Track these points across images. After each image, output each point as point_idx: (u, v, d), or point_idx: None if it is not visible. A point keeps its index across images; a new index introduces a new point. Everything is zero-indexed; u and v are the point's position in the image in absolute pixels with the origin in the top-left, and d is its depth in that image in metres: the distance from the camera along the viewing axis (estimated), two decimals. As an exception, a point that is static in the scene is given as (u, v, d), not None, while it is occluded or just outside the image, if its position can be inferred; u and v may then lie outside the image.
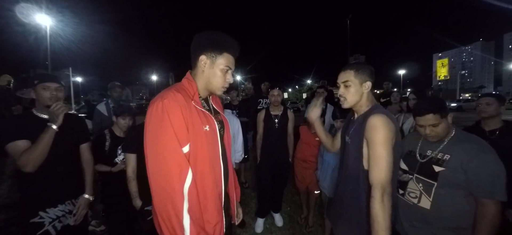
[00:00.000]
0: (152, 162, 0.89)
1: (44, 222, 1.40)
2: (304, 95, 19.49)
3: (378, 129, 1.08)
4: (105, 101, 3.06)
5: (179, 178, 0.89)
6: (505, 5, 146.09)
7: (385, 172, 1.06)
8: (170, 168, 0.88)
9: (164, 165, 0.88)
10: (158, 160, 0.89)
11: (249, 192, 3.60)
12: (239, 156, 2.74)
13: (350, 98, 1.23)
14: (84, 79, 42.82)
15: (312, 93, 5.02)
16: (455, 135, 1.27)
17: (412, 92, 2.86)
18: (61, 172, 1.49)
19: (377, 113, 1.12)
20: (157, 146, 0.88)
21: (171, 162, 0.88)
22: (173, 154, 0.88)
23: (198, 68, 1.02)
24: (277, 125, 2.61)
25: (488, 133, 1.79)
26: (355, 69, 1.20)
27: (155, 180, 0.89)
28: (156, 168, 0.89)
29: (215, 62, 1.01)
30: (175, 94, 0.92)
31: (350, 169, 1.26)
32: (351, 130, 1.28)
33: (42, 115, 1.45)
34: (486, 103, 1.80)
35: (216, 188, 1.03)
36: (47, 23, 12.86)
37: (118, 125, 1.99)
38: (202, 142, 0.96)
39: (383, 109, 1.18)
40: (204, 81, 1.03)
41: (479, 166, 1.12)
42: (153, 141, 0.89)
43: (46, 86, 1.43)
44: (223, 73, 1.03)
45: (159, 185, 0.89)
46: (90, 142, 1.74)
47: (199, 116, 0.97)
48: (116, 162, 1.93)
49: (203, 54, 1.00)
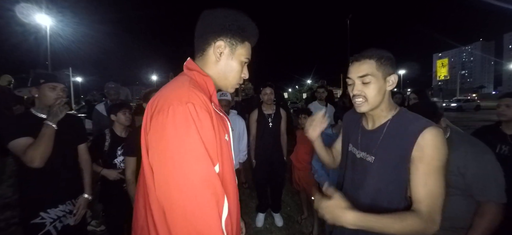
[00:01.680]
0: (174, 194, 0.62)
1: (45, 222, 1.40)
2: (304, 95, 19.47)
3: (439, 149, 0.80)
4: (105, 102, 3.06)
5: (218, 211, 0.64)
6: (505, 5, 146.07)
7: (439, 209, 0.80)
8: (204, 200, 0.62)
9: (194, 196, 0.61)
10: (185, 190, 0.61)
11: (249, 192, 3.60)
12: (244, 155, 2.75)
13: (373, 99, 0.88)
14: (84, 79, 42.83)
15: (312, 93, 5.02)
16: (451, 136, 1.25)
17: (412, 92, 2.87)
18: (61, 172, 1.49)
19: (432, 126, 0.82)
20: (183, 170, 0.61)
21: (205, 191, 0.63)
22: (207, 180, 0.63)
23: (210, 57, 0.78)
24: (271, 124, 2.60)
25: (509, 136, 1.63)
26: (377, 58, 0.86)
27: (179, 219, 0.62)
28: (182, 202, 0.61)
29: (235, 52, 0.78)
30: (199, 95, 0.67)
31: (377, 195, 0.91)
32: (374, 144, 0.94)
33: (41, 115, 1.44)
34: (506, 105, 1.63)
35: (238, 209, 0.83)
36: (47, 23, 12.85)
37: (120, 121, 1.97)
38: (225, 156, 0.74)
39: (429, 121, 0.85)
40: (217, 75, 0.80)
41: (477, 169, 1.11)
42: (173, 163, 0.62)
43: (54, 86, 1.44)
44: (242, 66, 0.82)
45: (186, 225, 0.61)
46: (87, 142, 1.74)
47: (220, 122, 0.74)
48: (115, 162, 1.93)
49: (221, 39, 0.76)
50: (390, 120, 0.92)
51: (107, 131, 2.01)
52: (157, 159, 0.64)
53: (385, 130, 0.92)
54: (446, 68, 29.82)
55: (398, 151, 0.86)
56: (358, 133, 1.03)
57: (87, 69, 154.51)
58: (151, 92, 1.88)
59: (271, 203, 2.84)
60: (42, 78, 1.43)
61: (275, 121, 2.62)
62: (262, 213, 2.79)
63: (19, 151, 1.30)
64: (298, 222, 2.80)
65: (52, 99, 1.42)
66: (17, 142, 1.31)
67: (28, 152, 1.28)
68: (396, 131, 0.89)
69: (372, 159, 0.93)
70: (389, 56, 0.89)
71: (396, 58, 0.95)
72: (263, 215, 2.79)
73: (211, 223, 0.63)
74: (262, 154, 2.64)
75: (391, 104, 0.94)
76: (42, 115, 1.44)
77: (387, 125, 0.92)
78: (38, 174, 1.37)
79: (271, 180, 2.73)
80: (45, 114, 1.44)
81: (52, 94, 1.43)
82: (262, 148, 2.63)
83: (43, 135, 1.32)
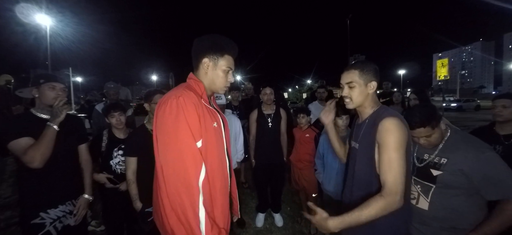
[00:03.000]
0: (168, 157, 0.92)
1: (45, 223, 1.40)
2: (304, 95, 19.47)
3: (392, 132, 1.03)
4: (105, 102, 3.07)
5: (195, 172, 0.92)
6: (505, 5, 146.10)
7: (400, 177, 1.01)
8: (186, 162, 0.91)
9: (180, 159, 0.91)
10: (174, 155, 0.91)
11: (249, 192, 3.60)
12: (241, 155, 2.74)
13: (355, 100, 1.18)
14: (84, 79, 42.86)
15: (312, 93, 5.02)
16: (450, 136, 1.25)
17: (413, 92, 2.86)
18: (61, 172, 1.49)
19: (389, 116, 1.07)
20: (173, 142, 0.91)
21: (187, 157, 0.91)
22: (189, 149, 0.92)
23: (201, 70, 1.08)
24: (270, 124, 2.60)
25: (503, 137, 1.64)
26: (360, 69, 1.15)
27: (170, 174, 0.91)
28: (172, 162, 0.91)
29: (217, 64, 1.07)
30: (188, 92, 0.97)
31: (360, 174, 1.20)
32: (359, 134, 1.22)
33: (41, 115, 1.45)
34: (502, 106, 1.63)
35: (224, 182, 1.08)
36: (47, 23, 12.86)
37: (111, 124, 1.96)
38: (212, 138, 1.01)
39: (393, 111, 1.12)
40: (208, 82, 1.09)
41: (483, 170, 1.10)
42: (168, 137, 0.92)
43: (53, 86, 1.44)
44: (225, 74, 1.09)
45: (175, 179, 0.91)
46: (88, 143, 1.74)
47: (208, 113, 1.03)
48: (111, 164, 1.92)
49: (206, 57, 1.05)
50: (371, 114, 1.19)
51: (105, 131, 2.00)
52: (160, 133, 0.95)
53: (366, 122, 1.19)
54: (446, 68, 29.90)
55: (370, 138, 1.13)
56: (354, 128, 1.33)
57: (87, 69, 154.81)
58: (152, 93, 1.87)
59: (271, 203, 2.84)
60: (41, 79, 1.43)
61: (274, 121, 2.61)
62: (262, 213, 2.79)
63: (19, 152, 1.30)
64: (298, 222, 2.80)
65: (51, 99, 1.43)
66: (17, 142, 1.31)
67: (28, 153, 1.28)
68: (371, 122, 1.15)
69: (357, 146, 1.23)
70: (372, 68, 1.15)
71: (396, 58, 1.02)
72: (263, 215, 2.79)
73: (190, 179, 0.91)
74: (262, 154, 2.63)
75: (374, 103, 1.20)
76: (42, 116, 1.44)
77: (368, 119, 1.19)
78: (38, 174, 1.37)
79: (271, 180, 2.73)
80: (45, 114, 1.44)
81: (51, 93, 1.43)
82: (262, 148, 2.62)
83: (45, 136, 1.33)
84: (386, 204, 0.99)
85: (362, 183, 1.19)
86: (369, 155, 1.13)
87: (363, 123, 1.21)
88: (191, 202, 0.90)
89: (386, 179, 1.02)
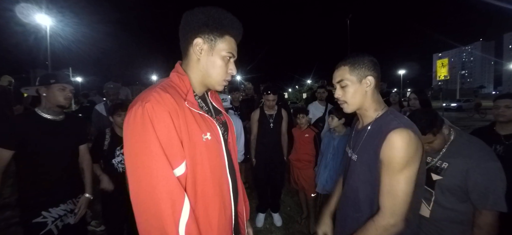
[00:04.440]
0: (134, 191, 0.65)
1: (47, 221, 1.41)
2: (304, 95, 19.49)
3: (400, 150, 0.82)
4: (105, 102, 3.06)
5: (172, 214, 0.64)
6: (505, 5, 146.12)
7: (401, 204, 0.84)
8: (158, 201, 0.63)
9: (150, 196, 0.63)
10: (141, 189, 0.64)
11: (249, 192, 3.60)
12: (241, 156, 2.75)
13: (351, 101, 0.96)
14: (84, 79, 42.87)
15: (312, 93, 5.02)
16: (454, 140, 1.21)
17: (412, 92, 2.87)
18: (63, 172, 1.49)
19: (399, 128, 0.84)
20: (139, 169, 0.64)
21: (159, 192, 0.63)
22: (161, 181, 0.63)
23: (191, 56, 0.78)
24: (272, 125, 2.63)
25: (503, 137, 1.62)
26: (350, 63, 0.94)
27: (140, 213, 0.65)
28: (139, 199, 0.64)
29: (215, 47, 0.77)
30: (161, 94, 0.67)
31: (356, 193, 0.98)
32: (358, 143, 1.00)
33: (47, 115, 1.45)
34: (505, 106, 1.60)
35: (225, 212, 0.80)
36: (47, 23, 12.85)
37: (117, 123, 1.97)
38: (202, 157, 0.72)
39: (404, 119, 0.91)
40: (200, 74, 0.79)
41: (478, 176, 1.08)
42: (133, 162, 0.65)
43: (64, 87, 1.46)
44: (225, 62, 0.79)
45: (145, 223, 0.64)
46: (88, 143, 1.74)
47: (196, 122, 0.73)
48: (113, 162, 1.92)
49: (199, 37, 0.75)
50: (374, 120, 0.96)
51: (108, 130, 2.00)
52: (126, 155, 0.66)
53: (368, 129, 0.97)
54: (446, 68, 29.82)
55: (372, 151, 0.90)
56: (352, 134, 1.11)
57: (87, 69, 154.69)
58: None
59: (270, 203, 2.85)
60: (52, 79, 1.44)
61: (276, 121, 2.64)
62: (262, 213, 2.80)
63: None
64: (298, 222, 2.80)
65: (61, 99, 1.44)
66: None
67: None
68: (375, 131, 0.93)
69: (355, 158, 1.00)
70: (365, 60, 0.94)
71: (396, 58, 0.98)
72: (263, 215, 2.80)
73: (165, 224, 0.63)
74: (262, 153, 2.65)
75: (377, 104, 0.97)
76: (48, 116, 1.45)
77: (370, 125, 0.97)
78: (39, 174, 1.38)
79: (271, 180, 2.74)
80: (51, 115, 1.46)
81: (61, 94, 1.45)
82: (263, 148, 2.64)
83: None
84: (383, 226, 0.85)
85: (358, 204, 0.98)
86: (369, 171, 0.92)
87: (364, 129, 0.99)
88: None
89: (383, 203, 0.87)
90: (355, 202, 0.99)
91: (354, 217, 1.00)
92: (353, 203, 1.01)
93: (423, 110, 1.29)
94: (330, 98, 3.90)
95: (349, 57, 0.97)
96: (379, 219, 0.86)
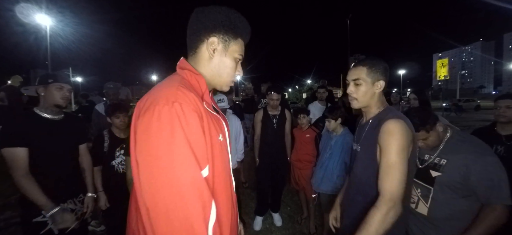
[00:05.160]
0: (158, 195, 0.60)
1: (47, 221, 1.40)
2: (304, 95, 19.52)
3: (394, 135, 0.95)
4: (104, 102, 3.06)
5: (203, 217, 0.62)
6: (505, 5, 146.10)
7: (398, 184, 0.93)
8: (189, 203, 0.60)
9: (180, 198, 0.60)
10: (169, 192, 0.60)
11: (249, 192, 3.60)
12: (241, 155, 2.75)
13: (361, 99, 1.09)
14: (84, 79, 42.92)
15: (313, 93, 5.03)
16: (451, 137, 1.24)
17: (412, 92, 2.87)
18: (62, 171, 1.50)
19: (393, 118, 0.99)
20: (166, 172, 0.60)
21: (191, 195, 0.61)
22: (193, 183, 0.61)
23: (203, 54, 0.77)
24: (276, 125, 2.62)
25: (504, 137, 1.61)
26: (369, 66, 1.06)
27: (163, 219, 0.60)
28: (165, 202, 0.59)
29: (229, 48, 0.78)
30: (187, 94, 0.65)
31: (360, 178, 1.12)
32: (361, 135, 1.15)
33: (45, 114, 1.46)
34: (506, 106, 1.60)
35: (233, 210, 0.80)
36: (47, 23, 12.86)
37: (115, 124, 1.97)
38: (218, 158, 0.72)
39: (399, 113, 1.06)
40: (210, 73, 0.79)
41: (480, 172, 1.09)
42: (157, 165, 0.60)
43: (61, 86, 1.46)
44: (236, 63, 0.81)
45: (170, 227, 0.60)
46: (88, 142, 1.74)
47: (213, 123, 0.73)
48: (113, 164, 1.92)
49: (214, 36, 0.75)
50: (375, 115, 1.11)
51: (106, 131, 2.00)
52: (143, 159, 0.62)
53: (370, 123, 1.12)
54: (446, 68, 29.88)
55: (371, 139, 1.06)
56: (357, 129, 1.25)
57: (87, 69, 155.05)
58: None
59: (271, 203, 2.84)
60: (50, 78, 1.45)
61: (280, 122, 2.64)
62: (260, 216, 2.77)
63: (11, 161, 1.31)
64: (298, 222, 2.80)
65: (58, 99, 1.45)
66: (13, 151, 1.31)
67: (16, 173, 1.33)
68: (375, 123, 1.07)
69: (359, 148, 1.15)
70: (381, 65, 1.07)
71: (396, 58, 1.01)
72: (261, 219, 2.76)
73: (195, 225, 0.60)
74: (266, 154, 2.64)
75: (380, 103, 1.12)
76: (46, 115, 1.46)
77: (372, 119, 1.11)
78: (39, 173, 1.38)
79: (273, 180, 2.73)
80: (49, 114, 1.46)
81: (59, 93, 1.45)
82: (267, 148, 2.64)
83: (35, 200, 1.33)
84: (383, 216, 0.91)
85: (361, 188, 1.11)
86: (370, 157, 1.06)
87: (367, 123, 1.14)
88: None
89: (383, 186, 0.96)
90: (359, 187, 1.13)
91: (358, 201, 1.12)
92: (357, 188, 1.14)
93: (417, 108, 1.34)
94: (330, 98, 3.90)
95: (368, 60, 1.09)
96: (381, 204, 0.93)
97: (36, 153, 1.37)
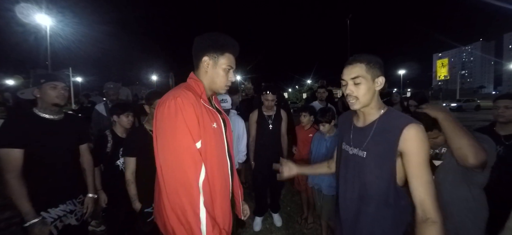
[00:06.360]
0: (167, 159, 0.92)
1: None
2: (304, 95, 19.53)
3: (423, 142, 0.90)
4: (105, 102, 3.06)
5: (195, 172, 0.92)
6: (505, 5, 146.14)
7: (435, 195, 0.90)
8: (186, 163, 0.91)
9: (179, 160, 0.91)
10: (173, 156, 0.91)
11: (248, 192, 3.60)
12: (243, 156, 2.73)
13: (362, 98, 1.00)
14: (84, 79, 42.89)
15: (313, 93, 5.02)
16: None
17: (412, 97, 2.79)
18: (62, 172, 1.49)
19: (416, 123, 0.92)
20: (172, 143, 0.91)
21: (187, 158, 0.91)
22: (188, 150, 0.91)
23: (201, 69, 1.07)
24: (271, 126, 2.58)
25: (503, 137, 1.62)
26: (367, 62, 0.98)
27: (170, 175, 0.91)
28: (171, 163, 0.91)
29: (218, 62, 1.05)
30: (186, 92, 0.96)
31: (371, 187, 1.00)
32: (364, 140, 1.04)
33: (44, 115, 1.45)
34: (505, 107, 1.61)
35: (225, 183, 1.07)
36: (47, 23, 12.86)
37: (121, 123, 1.97)
38: (211, 139, 1.00)
39: (410, 117, 0.98)
40: (208, 81, 1.07)
41: None
42: (167, 138, 0.92)
43: (54, 85, 1.45)
44: (226, 72, 1.08)
45: (174, 180, 0.91)
46: (89, 143, 1.74)
47: (207, 114, 1.01)
48: (117, 164, 1.92)
49: (206, 56, 1.04)
50: (380, 117, 1.02)
51: (108, 131, 2.00)
52: (159, 135, 0.95)
53: (375, 126, 1.01)
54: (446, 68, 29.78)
55: (386, 145, 0.96)
56: (350, 131, 1.12)
57: (87, 69, 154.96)
58: (153, 94, 1.87)
59: (270, 203, 2.83)
60: (42, 78, 1.44)
61: (275, 123, 2.60)
62: (260, 217, 2.76)
63: (5, 163, 1.29)
64: (297, 222, 2.80)
65: (54, 98, 1.44)
66: (8, 152, 1.29)
67: (8, 174, 1.30)
68: (384, 126, 0.99)
69: (364, 154, 1.02)
70: (378, 60, 1.01)
71: (396, 58, 1.03)
72: (260, 219, 2.75)
73: (190, 180, 0.91)
74: (262, 155, 2.60)
75: (379, 103, 1.04)
76: (45, 115, 1.45)
77: (377, 122, 1.02)
78: (38, 174, 1.38)
79: (271, 180, 2.72)
80: (48, 114, 1.46)
81: (53, 93, 1.44)
82: (262, 150, 2.60)
83: (20, 207, 1.33)
84: (424, 222, 0.88)
85: (374, 197, 1.00)
86: (386, 165, 0.96)
87: (369, 127, 1.03)
88: (191, 203, 0.90)
89: (424, 197, 0.89)
90: (370, 196, 1.01)
91: (367, 212, 1.02)
92: (367, 197, 1.02)
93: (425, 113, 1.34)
94: (330, 98, 3.90)
95: (364, 55, 1.01)
96: (432, 219, 0.87)
97: (35, 153, 1.37)
